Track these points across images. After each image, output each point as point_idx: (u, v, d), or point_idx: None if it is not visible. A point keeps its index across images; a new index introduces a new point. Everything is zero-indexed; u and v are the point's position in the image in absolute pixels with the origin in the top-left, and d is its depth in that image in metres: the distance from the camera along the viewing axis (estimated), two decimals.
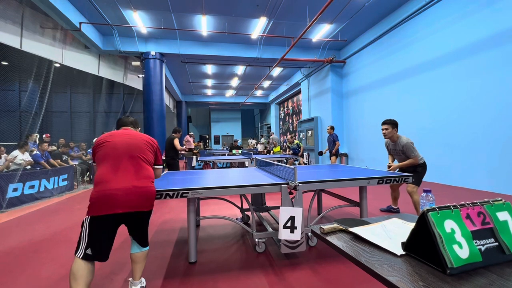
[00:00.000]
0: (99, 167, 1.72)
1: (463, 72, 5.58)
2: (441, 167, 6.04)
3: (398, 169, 3.37)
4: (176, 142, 5.48)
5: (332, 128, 7.46)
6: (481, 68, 5.20)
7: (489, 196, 4.40)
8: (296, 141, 8.72)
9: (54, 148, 7.45)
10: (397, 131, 3.47)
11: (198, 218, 2.61)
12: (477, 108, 5.29)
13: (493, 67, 4.99)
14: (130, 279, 1.88)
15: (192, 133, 10.36)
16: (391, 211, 3.87)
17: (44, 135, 6.92)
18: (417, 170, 3.40)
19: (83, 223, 1.66)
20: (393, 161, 3.72)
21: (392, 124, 3.43)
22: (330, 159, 7.35)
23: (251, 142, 15.58)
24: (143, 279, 1.93)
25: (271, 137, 10.69)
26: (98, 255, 1.63)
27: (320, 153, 7.79)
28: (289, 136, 9.27)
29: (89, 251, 1.60)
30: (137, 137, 1.88)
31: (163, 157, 7.55)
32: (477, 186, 5.26)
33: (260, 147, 13.01)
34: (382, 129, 3.47)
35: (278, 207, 3.08)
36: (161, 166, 2.03)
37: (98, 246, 1.63)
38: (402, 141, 3.37)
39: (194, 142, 10.32)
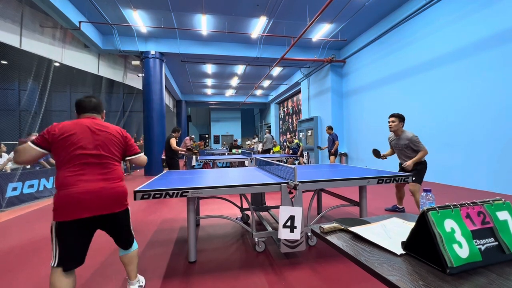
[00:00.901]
0: (62, 168, 1.52)
1: (463, 72, 5.58)
2: (441, 166, 6.04)
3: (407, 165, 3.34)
4: (173, 141, 5.45)
5: (331, 128, 7.46)
6: (481, 68, 5.20)
7: (489, 196, 4.40)
8: (296, 141, 8.73)
9: None
10: (403, 126, 3.49)
11: (197, 217, 2.60)
12: (477, 108, 5.29)
13: (493, 67, 4.99)
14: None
15: (193, 136, 10.34)
16: (396, 210, 3.88)
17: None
18: (417, 168, 3.39)
19: (51, 228, 1.51)
20: (390, 154, 3.73)
21: (399, 117, 3.46)
22: (329, 158, 7.36)
23: (252, 141, 15.49)
24: (141, 278, 1.92)
25: (265, 136, 10.72)
26: (72, 262, 1.51)
27: (319, 148, 7.83)
28: (288, 136, 9.28)
29: (63, 259, 1.48)
30: (103, 132, 1.65)
31: (163, 157, 7.53)
32: (477, 186, 5.27)
33: (257, 147, 13.00)
34: (389, 122, 3.51)
35: (277, 207, 3.08)
36: (138, 154, 1.83)
37: (70, 253, 1.50)
38: (407, 135, 3.39)
39: (193, 143, 10.31)
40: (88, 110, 1.73)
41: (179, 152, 5.70)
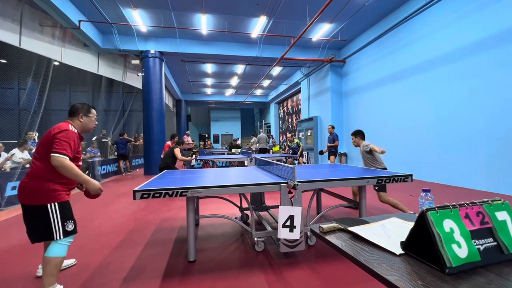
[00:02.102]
0: None
1: (462, 72, 5.58)
2: (440, 166, 6.05)
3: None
4: (178, 152, 5.55)
5: (333, 127, 7.46)
6: (480, 68, 5.21)
7: (488, 196, 4.41)
8: (296, 140, 8.72)
9: None
10: (363, 139, 3.84)
11: (197, 217, 2.61)
12: (476, 108, 5.30)
13: (492, 67, 4.99)
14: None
15: (188, 131, 10.33)
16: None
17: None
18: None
19: None
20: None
21: (354, 134, 3.85)
22: (329, 158, 7.35)
23: (251, 142, 15.44)
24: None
25: (258, 135, 10.77)
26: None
27: (321, 153, 7.80)
28: (289, 135, 9.28)
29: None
30: (45, 135, 1.89)
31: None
32: (476, 186, 5.28)
33: (253, 147, 12.98)
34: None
35: (277, 206, 3.08)
36: (54, 154, 1.74)
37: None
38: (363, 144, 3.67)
39: (192, 141, 10.34)
40: (69, 115, 2.04)
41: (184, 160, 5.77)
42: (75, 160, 1.93)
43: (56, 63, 7.52)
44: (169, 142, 6.57)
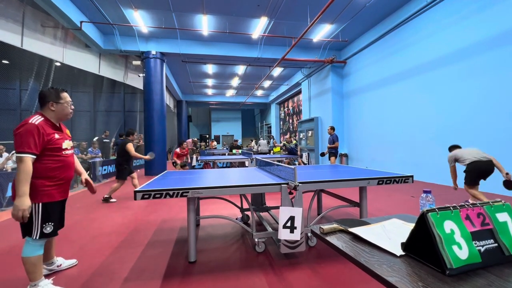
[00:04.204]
0: None
1: (463, 73, 5.57)
2: (440, 167, 6.03)
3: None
4: (130, 147, 4.78)
5: (333, 128, 7.46)
6: (480, 68, 5.20)
7: (489, 197, 4.39)
8: (294, 141, 8.70)
9: None
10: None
11: (198, 217, 2.61)
12: (477, 109, 5.29)
13: (492, 68, 4.98)
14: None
15: (196, 139, 10.34)
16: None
17: None
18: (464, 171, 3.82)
19: None
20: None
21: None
22: (330, 159, 7.35)
23: (251, 144, 15.33)
24: (39, 283, 1.85)
25: (259, 141, 10.98)
26: None
27: (322, 154, 7.79)
28: (287, 136, 9.27)
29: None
30: None
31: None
32: None
33: (254, 148, 13.04)
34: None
35: (278, 207, 3.07)
36: (18, 154, 1.71)
37: None
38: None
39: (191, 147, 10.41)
40: (39, 105, 1.96)
41: (137, 158, 5.13)
42: (56, 151, 1.85)
43: (58, 64, 7.55)
44: (177, 150, 6.38)
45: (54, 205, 1.88)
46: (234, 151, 9.69)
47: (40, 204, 1.80)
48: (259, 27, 8.13)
